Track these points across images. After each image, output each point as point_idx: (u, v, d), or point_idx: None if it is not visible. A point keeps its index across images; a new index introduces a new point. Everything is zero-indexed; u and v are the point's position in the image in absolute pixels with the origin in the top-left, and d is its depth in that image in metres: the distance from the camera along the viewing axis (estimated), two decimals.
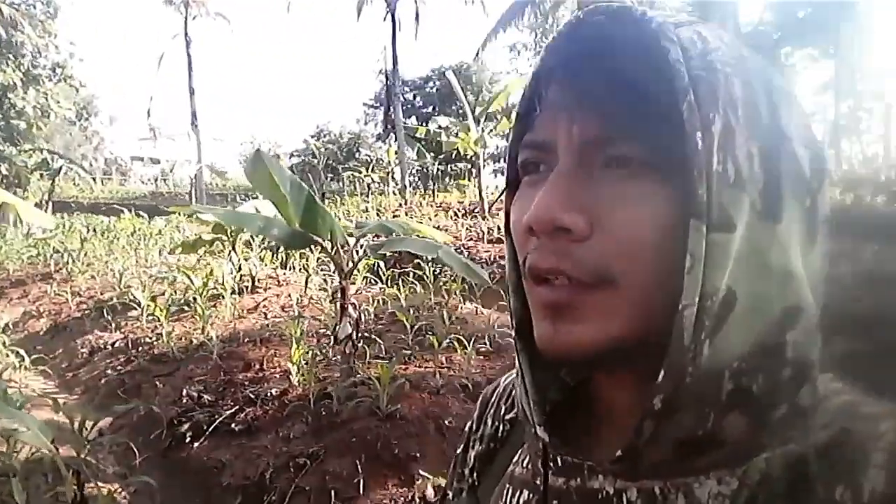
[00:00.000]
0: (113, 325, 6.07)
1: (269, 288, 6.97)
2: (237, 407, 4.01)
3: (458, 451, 0.64)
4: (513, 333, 0.49)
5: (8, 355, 5.01)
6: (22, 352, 5.15)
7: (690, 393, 0.38)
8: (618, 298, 0.39)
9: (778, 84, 0.42)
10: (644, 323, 0.40)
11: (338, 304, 4.23)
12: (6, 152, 17.24)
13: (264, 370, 4.57)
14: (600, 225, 0.39)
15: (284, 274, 7.61)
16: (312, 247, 4.32)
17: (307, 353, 4.24)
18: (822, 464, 0.38)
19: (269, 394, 4.08)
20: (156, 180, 32.04)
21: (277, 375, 4.41)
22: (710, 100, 0.38)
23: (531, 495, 0.49)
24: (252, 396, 4.08)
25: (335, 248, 4.16)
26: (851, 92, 12.71)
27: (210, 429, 3.82)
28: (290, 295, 6.51)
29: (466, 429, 0.64)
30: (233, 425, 3.82)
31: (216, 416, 3.91)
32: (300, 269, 7.86)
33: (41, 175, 19.42)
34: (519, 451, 0.54)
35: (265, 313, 6.08)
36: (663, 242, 0.38)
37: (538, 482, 0.48)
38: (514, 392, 0.59)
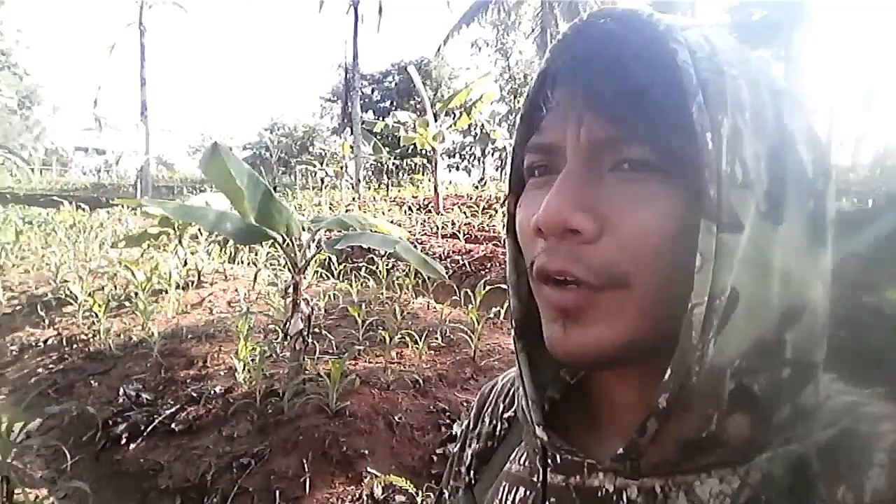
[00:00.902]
0: (46, 321, 5.75)
1: (216, 283, 6.75)
2: (178, 406, 3.84)
3: (455, 449, 0.64)
4: (512, 333, 0.51)
5: None
6: None
7: (694, 392, 0.38)
8: (628, 300, 0.40)
9: (782, 86, 0.42)
10: (653, 323, 0.40)
11: (289, 299, 4.09)
12: None
13: (208, 367, 4.40)
14: (610, 226, 0.40)
15: (232, 268, 7.39)
16: (264, 241, 4.17)
17: (254, 349, 4.10)
18: (824, 464, 0.38)
19: (212, 392, 3.92)
20: (98, 171, 30.80)
21: (222, 373, 4.25)
22: (719, 101, 0.38)
23: (528, 492, 0.49)
24: (194, 395, 3.91)
25: (289, 242, 4.02)
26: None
27: (148, 429, 3.64)
28: (237, 290, 6.32)
29: (463, 427, 0.64)
30: (173, 425, 3.64)
31: (155, 416, 3.73)
32: (249, 264, 7.64)
33: None
34: (516, 449, 0.54)
35: (210, 309, 5.88)
36: (672, 243, 0.39)
37: (535, 479, 0.48)
38: (511, 391, 0.60)
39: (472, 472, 0.59)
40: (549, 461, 0.47)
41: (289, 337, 3.85)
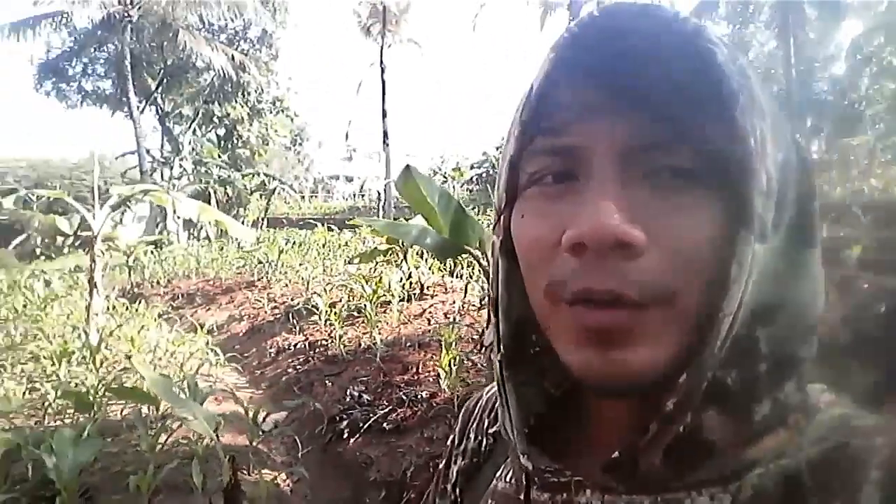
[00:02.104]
0: (297, 328, 6.72)
1: (436, 295, 7.24)
2: (390, 407, 4.22)
3: (441, 466, 0.62)
4: (496, 362, 0.47)
5: (207, 353, 5.77)
6: (218, 350, 5.90)
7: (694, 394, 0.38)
8: (672, 317, 0.37)
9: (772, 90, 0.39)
10: (692, 338, 0.37)
11: (485, 310, 4.27)
12: (231, 177, 19.97)
13: (420, 373, 4.76)
14: (656, 239, 0.37)
15: (452, 282, 7.85)
16: (460, 255, 4.44)
17: (456, 357, 4.34)
18: (816, 480, 0.36)
19: (419, 396, 4.25)
20: (353, 196, 34.96)
21: (430, 379, 4.57)
22: (752, 106, 0.37)
23: None
24: (405, 398, 4.27)
25: (483, 256, 4.21)
26: None
27: (365, 427, 4.07)
28: (454, 301, 6.70)
29: (449, 443, 0.62)
30: (384, 424, 4.03)
31: (371, 416, 4.15)
32: (468, 277, 8.07)
33: (259, 195, 22.16)
34: (503, 467, 0.52)
35: (429, 319, 6.33)
36: (713, 254, 0.37)
37: (522, 497, 0.47)
38: (496, 405, 0.56)
39: (457, 490, 0.58)
40: (536, 479, 0.45)
41: (484, 347, 4.01)
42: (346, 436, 4.12)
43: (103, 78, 21.95)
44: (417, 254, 8.26)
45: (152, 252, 12.36)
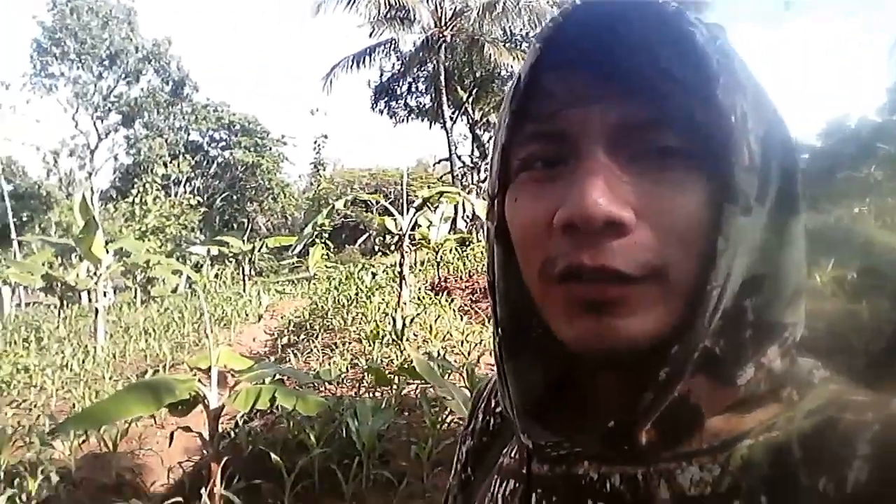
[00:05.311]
0: None
1: None
2: None
3: (457, 449, 0.65)
4: (494, 343, 0.49)
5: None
6: None
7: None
8: (662, 290, 0.39)
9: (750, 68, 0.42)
10: (684, 310, 0.39)
11: None
12: None
13: None
14: (644, 216, 0.38)
15: None
16: None
17: None
18: (806, 452, 0.37)
19: None
20: None
21: None
22: (733, 84, 0.39)
23: (518, 484, 0.49)
24: None
25: None
26: None
27: None
28: None
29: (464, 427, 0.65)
30: None
31: None
32: None
33: None
34: (509, 444, 0.55)
35: None
36: (700, 229, 0.39)
37: (525, 471, 0.49)
38: None
39: (468, 469, 0.60)
40: (536, 454, 0.47)
41: None
42: None
43: (423, 94, 24.94)
44: None
45: (456, 249, 13.67)
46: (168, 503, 3.59)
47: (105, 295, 10.31)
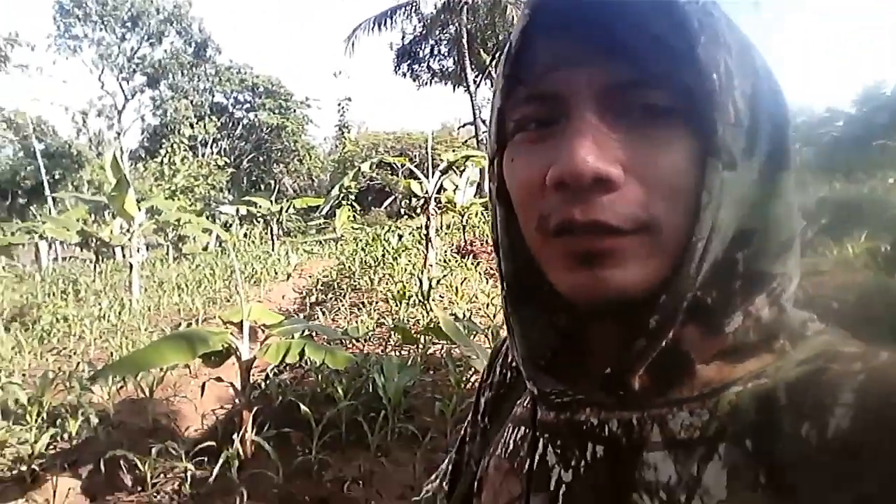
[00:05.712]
0: None
1: None
2: None
3: (474, 399, 0.69)
4: (502, 298, 0.52)
5: None
6: None
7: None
8: (651, 242, 0.41)
9: (741, 27, 0.44)
10: (672, 261, 0.41)
11: None
12: None
13: None
14: (633, 172, 0.40)
15: None
16: None
17: None
18: (791, 399, 0.38)
19: None
20: None
21: None
22: (716, 42, 0.40)
23: (528, 431, 0.52)
24: None
25: None
26: None
27: None
28: None
29: (480, 379, 0.69)
30: None
31: None
32: None
33: None
34: (524, 395, 0.58)
35: None
36: (685, 183, 0.40)
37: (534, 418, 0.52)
38: None
39: (486, 419, 0.64)
40: (543, 401, 0.50)
41: None
42: None
43: (446, 57, 24.61)
44: None
45: (482, 213, 13.67)
46: (202, 446, 3.74)
47: (138, 251, 10.52)
